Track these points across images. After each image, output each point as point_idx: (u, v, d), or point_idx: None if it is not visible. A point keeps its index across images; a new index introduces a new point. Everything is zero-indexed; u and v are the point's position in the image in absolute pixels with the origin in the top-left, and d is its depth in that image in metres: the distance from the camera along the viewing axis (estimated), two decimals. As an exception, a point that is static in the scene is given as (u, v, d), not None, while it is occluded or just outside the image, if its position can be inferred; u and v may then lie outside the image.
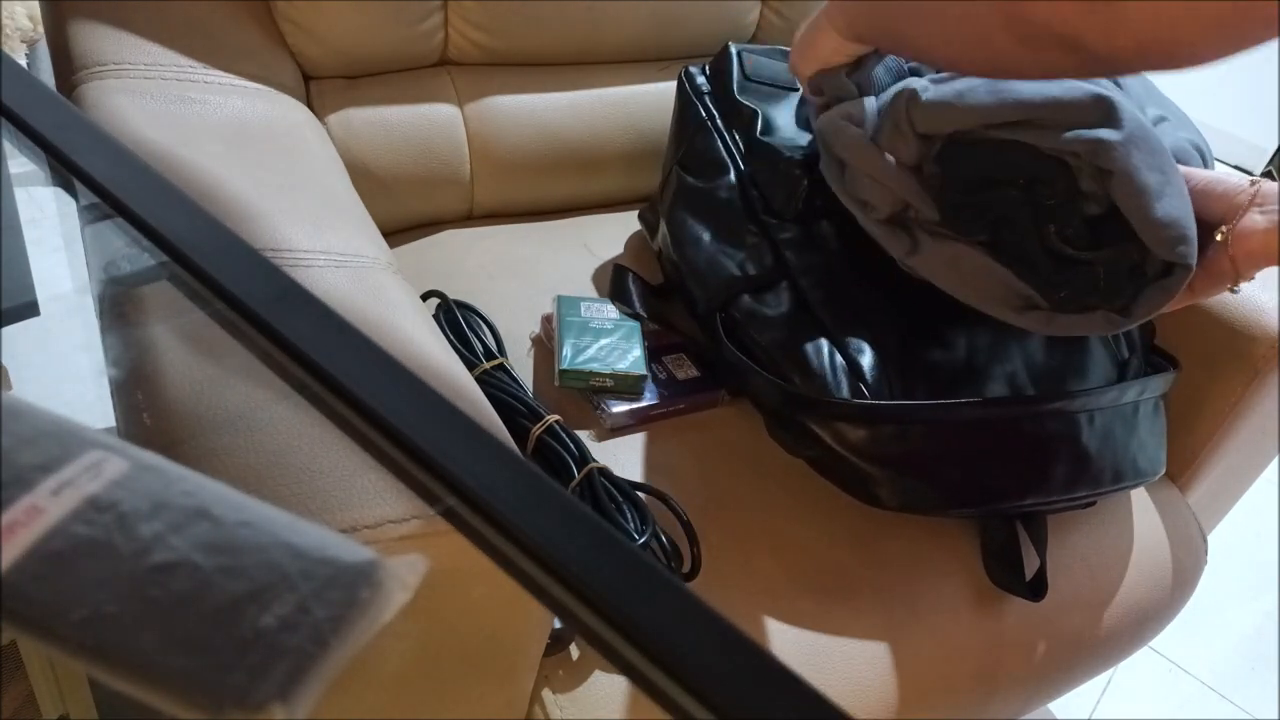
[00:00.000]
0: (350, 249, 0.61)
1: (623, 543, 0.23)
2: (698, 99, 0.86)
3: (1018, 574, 0.70)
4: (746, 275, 0.74)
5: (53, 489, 0.22)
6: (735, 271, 0.75)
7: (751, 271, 0.74)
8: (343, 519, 0.42)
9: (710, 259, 0.77)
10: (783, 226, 0.75)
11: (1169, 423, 0.82)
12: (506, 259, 0.89)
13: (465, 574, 0.43)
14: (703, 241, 0.79)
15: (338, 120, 0.86)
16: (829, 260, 0.74)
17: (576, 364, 0.74)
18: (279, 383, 0.27)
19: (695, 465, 0.72)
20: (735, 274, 0.75)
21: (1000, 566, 0.71)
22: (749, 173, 0.79)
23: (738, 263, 0.75)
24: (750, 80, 0.85)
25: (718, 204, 0.79)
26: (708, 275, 0.77)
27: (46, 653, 0.29)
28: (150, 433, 0.46)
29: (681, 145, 0.86)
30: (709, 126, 0.84)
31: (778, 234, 0.75)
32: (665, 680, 0.21)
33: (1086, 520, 0.79)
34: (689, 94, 0.87)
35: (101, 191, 0.30)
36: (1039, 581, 0.71)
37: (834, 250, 0.74)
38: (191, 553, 0.21)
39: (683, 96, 0.88)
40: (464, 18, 0.89)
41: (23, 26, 1.61)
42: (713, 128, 0.83)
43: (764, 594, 0.65)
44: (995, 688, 0.72)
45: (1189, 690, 1.25)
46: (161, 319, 0.51)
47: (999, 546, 0.71)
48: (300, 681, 0.20)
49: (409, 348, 0.54)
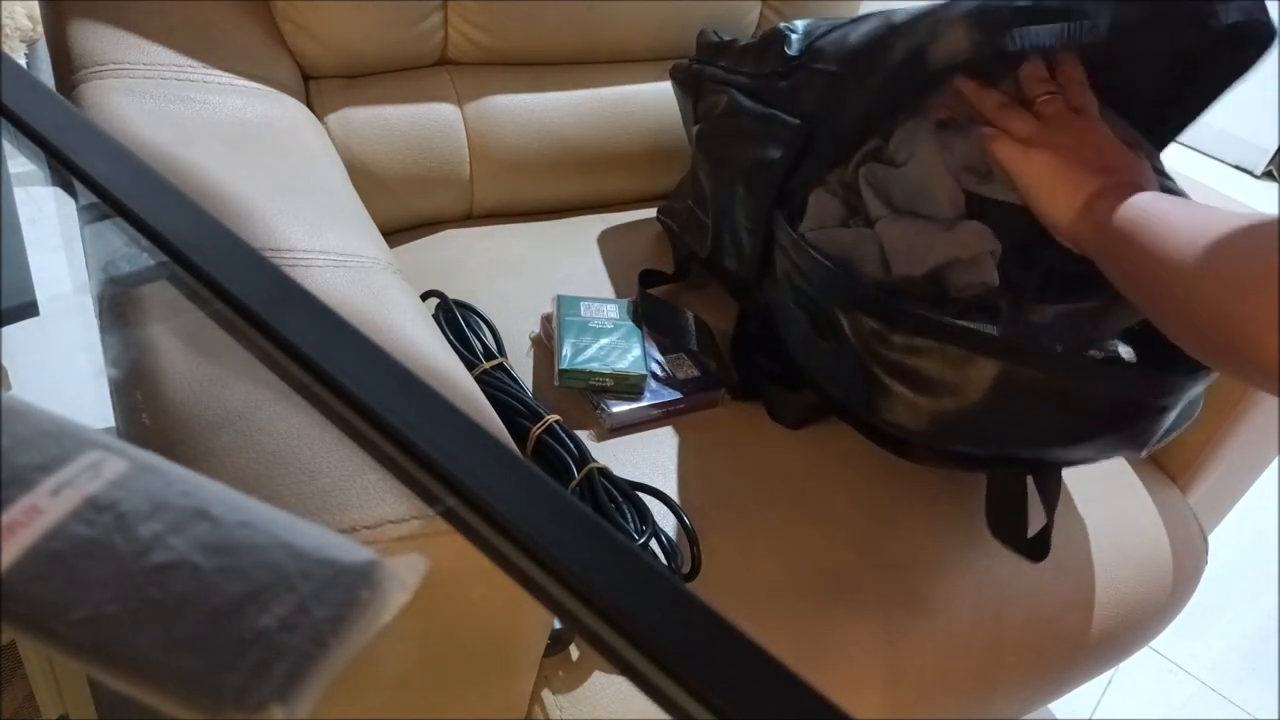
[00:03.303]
0: (350, 249, 0.61)
1: (623, 543, 0.23)
2: (690, 73, 0.88)
3: (1020, 528, 0.67)
4: (774, 158, 0.73)
5: (52, 489, 0.22)
6: (771, 156, 0.73)
7: (776, 154, 0.73)
8: (342, 519, 0.42)
9: (742, 163, 0.77)
10: (777, 86, 0.76)
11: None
12: (506, 259, 0.89)
13: (465, 574, 0.43)
14: (734, 153, 0.78)
15: (337, 120, 0.86)
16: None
17: (576, 364, 0.74)
18: (279, 383, 0.27)
19: (695, 465, 0.72)
20: (771, 158, 0.73)
21: (1003, 517, 0.67)
22: (749, 75, 0.80)
23: (767, 152, 0.74)
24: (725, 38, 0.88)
25: (729, 115, 0.80)
26: (749, 176, 0.76)
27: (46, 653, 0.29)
28: (150, 433, 0.46)
29: (690, 110, 0.88)
30: (706, 78, 0.85)
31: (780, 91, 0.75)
32: (665, 680, 0.21)
33: (1086, 520, 0.79)
34: (680, 72, 0.90)
35: (101, 191, 0.30)
36: (1041, 541, 0.67)
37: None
38: (191, 553, 0.21)
39: (677, 78, 0.91)
40: (464, 17, 0.89)
41: (23, 26, 1.61)
42: (710, 78, 0.85)
43: (764, 594, 0.65)
44: (995, 688, 0.72)
45: (1189, 690, 1.25)
46: (161, 319, 0.51)
47: (1005, 496, 0.68)
48: (300, 682, 0.20)
49: (409, 348, 0.54)
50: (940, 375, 0.60)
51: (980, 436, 0.64)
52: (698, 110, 0.86)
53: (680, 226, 0.90)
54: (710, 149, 0.83)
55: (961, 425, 0.62)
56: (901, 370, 0.62)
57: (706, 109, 0.84)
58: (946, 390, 0.61)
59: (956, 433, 0.63)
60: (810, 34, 0.76)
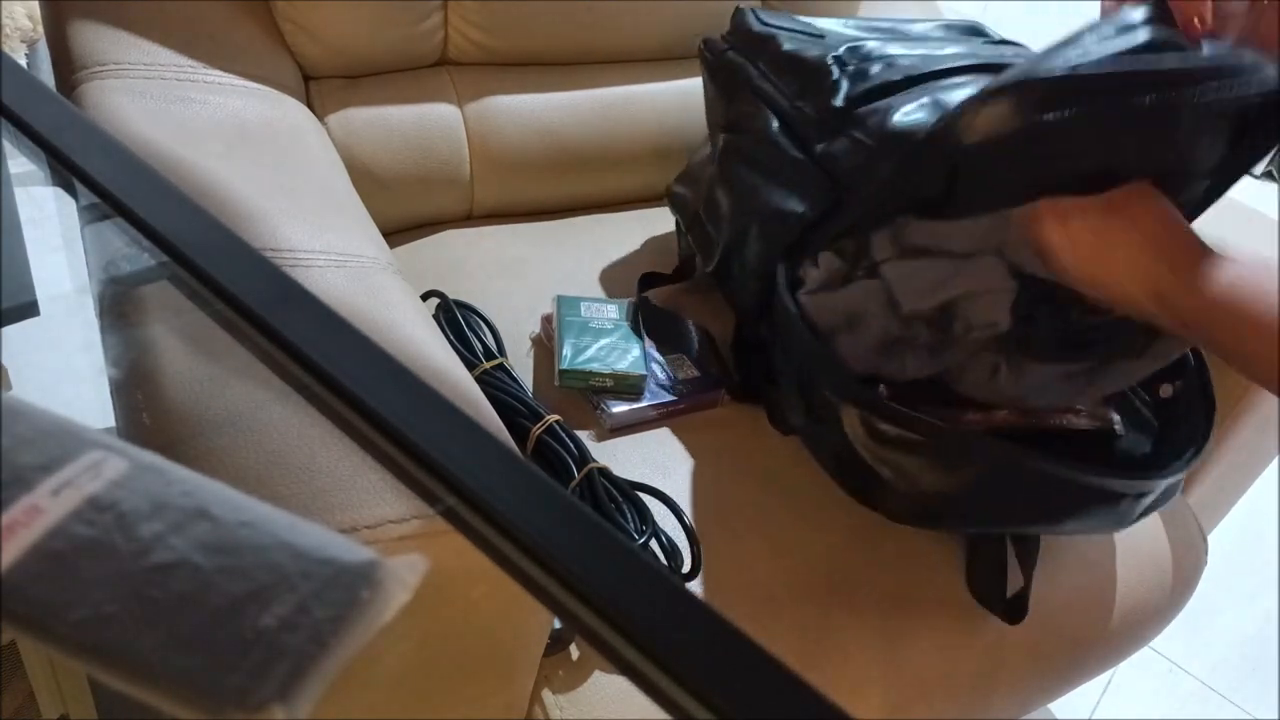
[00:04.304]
0: (350, 249, 0.61)
1: (623, 543, 0.23)
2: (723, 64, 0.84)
3: (999, 591, 0.69)
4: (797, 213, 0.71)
5: (53, 489, 0.22)
6: (794, 209, 0.72)
7: (800, 209, 0.71)
8: (343, 519, 0.42)
9: (765, 204, 0.74)
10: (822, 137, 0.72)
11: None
12: (506, 259, 0.89)
13: (465, 574, 0.43)
14: (759, 189, 0.76)
15: (338, 120, 0.86)
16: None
17: (576, 364, 0.74)
18: (279, 383, 0.27)
19: (695, 465, 0.72)
20: (794, 211, 0.72)
21: (983, 580, 0.69)
22: (788, 97, 0.76)
23: (791, 203, 0.72)
24: (765, 23, 0.83)
25: (763, 144, 0.77)
26: (767, 221, 0.74)
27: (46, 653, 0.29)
28: (150, 433, 0.46)
29: (721, 109, 0.84)
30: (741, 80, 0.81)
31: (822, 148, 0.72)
32: (665, 680, 0.21)
33: (1086, 520, 0.79)
34: (712, 55, 0.85)
35: (101, 191, 0.30)
36: (1019, 601, 0.69)
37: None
38: (191, 553, 0.21)
39: (708, 60, 0.86)
40: (464, 17, 0.89)
41: (23, 26, 1.61)
42: (745, 81, 0.81)
43: (764, 594, 0.65)
44: (995, 688, 0.72)
45: (1189, 690, 1.25)
46: (161, 319, 0.51)
47: (985, 561, 0.70)
48: (300, 681, 0.20)
49: (409, 348, 0.54)
50: (927, 471, 0.62)
51: (965, 520, 0.67)
52: (728, 113, 0.83)
53: (687, 225, 0.88)
54: (734, 171, 0.79)
55: (948, 512, 0.65)
56: (891, 462, 0.63)
57: (737, 117, 0.81)
58: (933, 484, 0.63)
59: (943, 518, 0.67)
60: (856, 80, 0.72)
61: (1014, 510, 0.65)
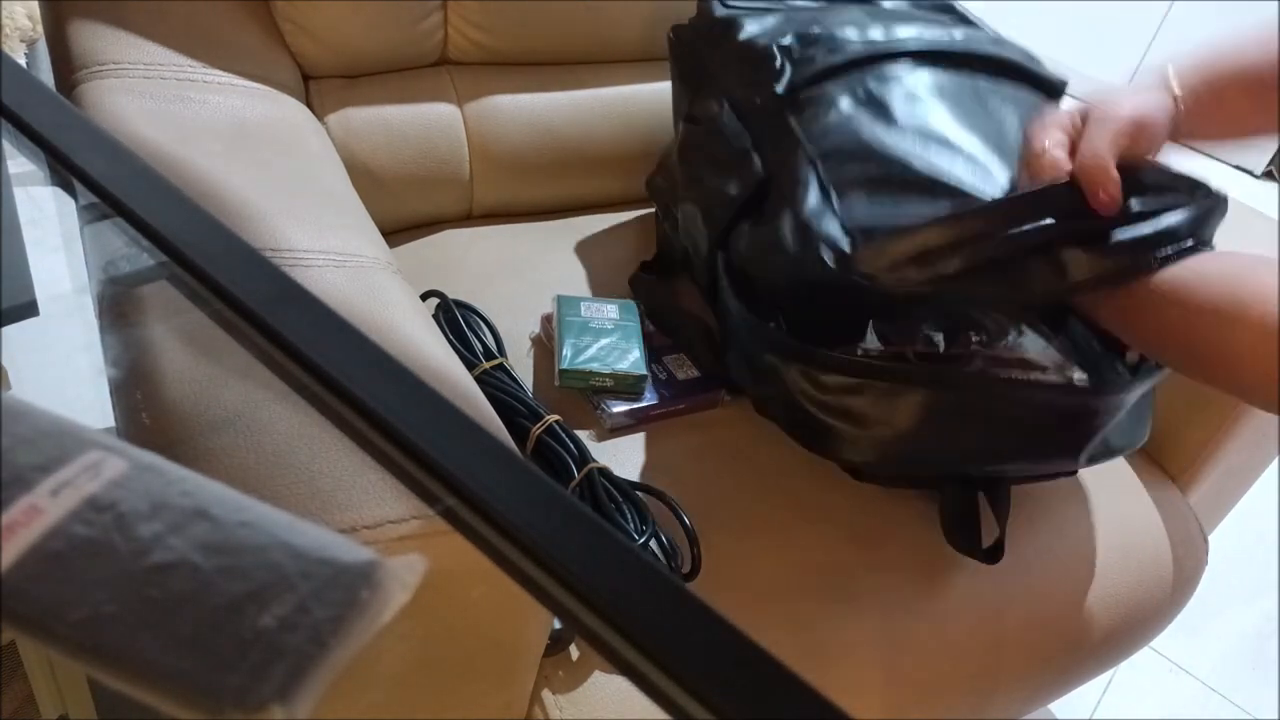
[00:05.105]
0: (350, 249, 0.61)
1: (623, 543, 0.23)
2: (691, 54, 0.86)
3: (973, 538, 0.70)
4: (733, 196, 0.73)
5: (52, 489, 0.22)
6: (729, 192, 0.74)
7: (734, 191, 0.73)
8: (342, 519, 0.42)
9: (711, 192, 0.76)
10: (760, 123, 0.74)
11: (1170, 423, 0.82)
12: (506, 259, 0.89)
13: (465, 574, 0.43)
14: (704, 179, 0.78)
15: (337, 120, 0.86)
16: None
17: (576, 364, 0.74)
18: (279, 383, 0.27)
19: (695, 465, 0.72)
20: (729, 194, 0.74)
21: (958, 530, 0.70)
22: (740, 85, 0.78)
23: (729, 188, 0.74)
24: (730, 5, 0.84)
25: (712, 134, 0.79)
26: (711, 209, 0.76)
27: (46, 653, 0.28)
28: (150, 433, 0.46)
29: (685, 99, 0.86)
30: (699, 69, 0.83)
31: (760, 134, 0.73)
32: (665, 680, 0.21)
33: (1086, 520, 0.79)
34: (678, 44, 0.88)
35: (101, 191, 0.30)
36: (996, 549, 0.70)
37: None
38: (191, 553, 0.21)
39: (674, 49, 0.89)
40: (464, 17, 0.89)
41: (22, 26, 1.61)
42: (702, 69, 0.83)
43: (764, 594, 0.65)
44: (995, 688, 0.72)
45: (1189, 690, 1.25)
46: (161, 319, 0.51)
47: (958, 509, 0.70)
48: (300, 682, 0.20)
49: (409, 348, 0.54)
50: (873, 409, 0.64)
51: (920, 460, 0.68)
52: (692, 106, 0.84)
53: (663, 214, 0.90)
54: (688, 159, 0.82)
55: (902, 451, 0.66)
56: (837, 409, 0.65)
57: (695, 106, 0.83)
58: (881, 422, 0.64)
59: (899, 458, 0.67)
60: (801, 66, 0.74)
61: (965, 441, 0.66)
